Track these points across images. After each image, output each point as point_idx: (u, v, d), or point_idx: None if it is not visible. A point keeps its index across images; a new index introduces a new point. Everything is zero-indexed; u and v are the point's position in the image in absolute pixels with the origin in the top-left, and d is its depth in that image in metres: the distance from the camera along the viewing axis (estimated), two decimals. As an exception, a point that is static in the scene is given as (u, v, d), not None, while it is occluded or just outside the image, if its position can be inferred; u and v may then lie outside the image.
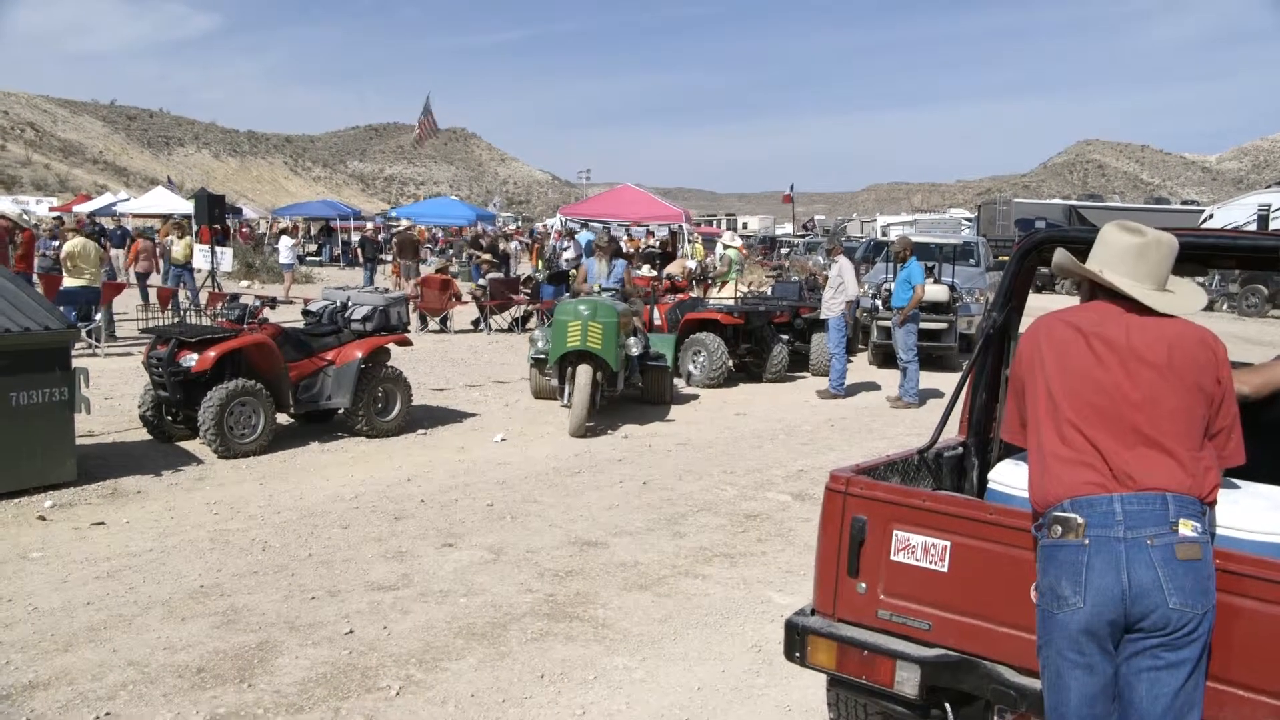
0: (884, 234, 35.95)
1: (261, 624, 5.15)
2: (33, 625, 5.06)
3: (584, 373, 9.93)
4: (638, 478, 8.35)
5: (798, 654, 3.44)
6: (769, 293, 18.02)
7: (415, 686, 4.52)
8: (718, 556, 6.43)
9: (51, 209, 43.41)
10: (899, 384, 12.55)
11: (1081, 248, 3.13)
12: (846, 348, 13.01)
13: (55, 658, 4.71)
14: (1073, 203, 45.41)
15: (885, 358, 15.23)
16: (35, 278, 14.66)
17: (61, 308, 10.35)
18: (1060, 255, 3.16)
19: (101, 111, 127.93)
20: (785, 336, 14.53)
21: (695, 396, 12.68)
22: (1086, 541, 2.65)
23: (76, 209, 41.86)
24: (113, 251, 28.42)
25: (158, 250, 20.57)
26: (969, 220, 45.16)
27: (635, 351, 10.82)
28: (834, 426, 11.01)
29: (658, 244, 27.17)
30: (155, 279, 19.82)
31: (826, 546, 3.44)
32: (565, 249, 24.16)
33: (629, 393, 11.28)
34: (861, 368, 15.36)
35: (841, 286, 12.62)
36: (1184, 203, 71.86)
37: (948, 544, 3.16)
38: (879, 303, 15.51)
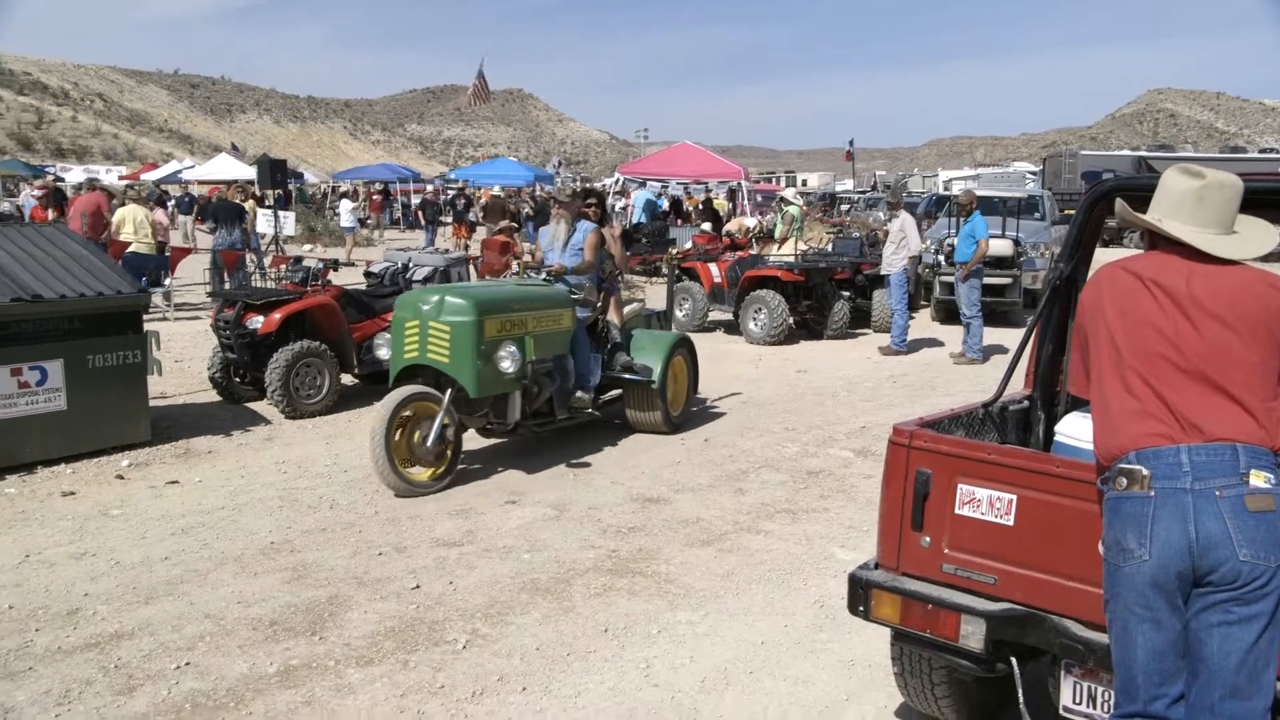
0: (945, 189, 35.38)
1: (331, 579, 5.26)
2: (115, 579, 5.23)
3: (388, 403, 6.56)
4: (699, 434, 8.37)
5: (861, 608, 3.44)
6: (829, 249, 17.87)
7: (481, 640, 4.60)
8: (780, 512, 6.43)
9: (120, 177, 44.20)
10: (962, 340, 12.40)
11: (1149, 197, 3.06)
12: (908, 304, 12.87)
13: (137, 609, 4.86)
14: (1142, 154, 44.25)
15: (948, 314, 15.03)
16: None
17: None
18: (1119, 205, 3.09)
19: (166, 80, 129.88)
20: (846, 293, 14.42)
21: (756, 354, 12.64)
22: (1152, 493, 2.60)
23: (144, 177, 42.66)
24: (181, 218, 28.97)
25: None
26: (1033, 174, 44.25)
27: (509, 367, 6.84)
28: (895, 383, 10.92)
29: (700, 204, 26.95)
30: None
31: (890, 500, 3.42)
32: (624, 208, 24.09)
33: (579, 420, 7.91)
34: (924, 324, 15.19)
35: (904, 241, 12.48)
36: (1262, 151, 69.67)
37: (1013, 498, 3.13)
38: (941, 258, 15.29)
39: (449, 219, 29.68)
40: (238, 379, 9.18)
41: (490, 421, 7.30)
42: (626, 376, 8.13)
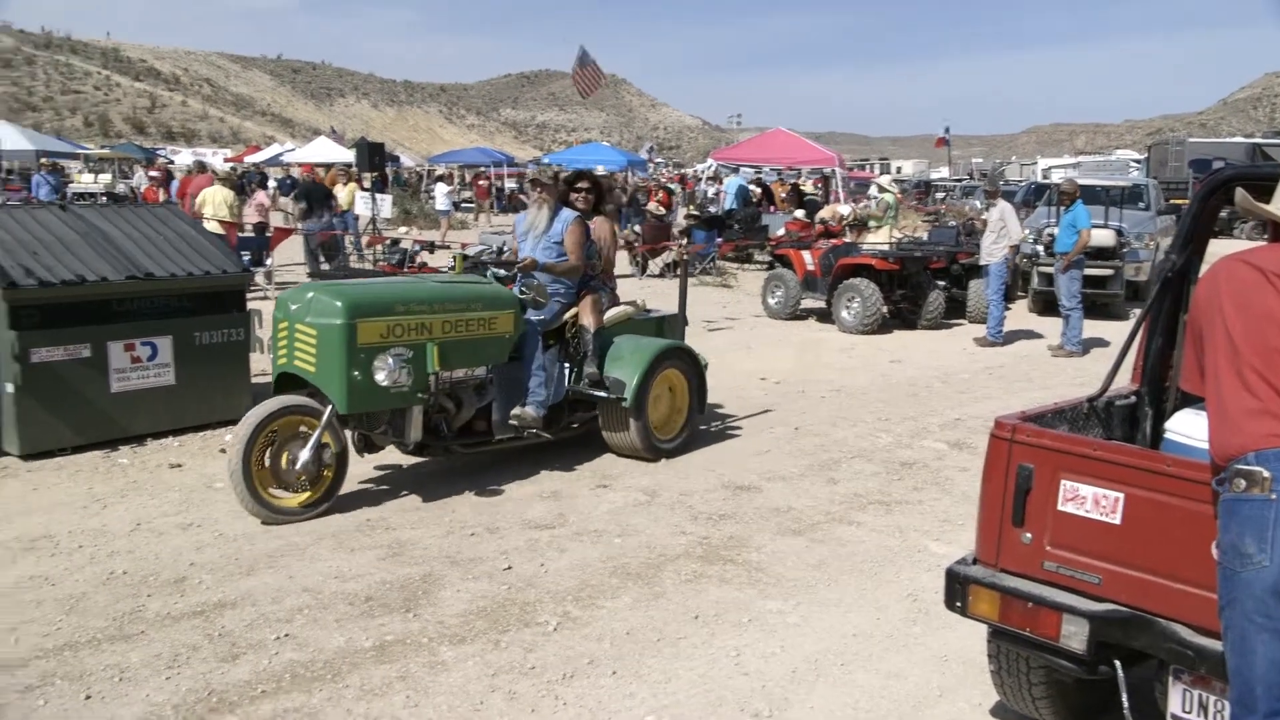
0: (1045, 177, 34.52)
1: (425, 557, 5.35)
2: (219, 550, 5.39)
3: (252, 417, 5.77)
4: (790, 423, 8.32)
5: (958, 603, 3.38)
6: (925, 238, 17.57)
7: (572, 623, 4.63)
8: (872, 504, 6.36)
9: (226, 160, 45.42)
10: (1061, 332, 12.11)
11: (1272, 186, 2.94)
12: (1005, 294, 12.61)
13: (240, 580, 5.01)
14: (1257, 141, 42.59)
15: (1046, 305, 14.70)
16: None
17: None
18: (1239, 194, 2.97)
19: (269, 66, 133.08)
20: (941, 283, 14.17)
21: (849, 343, 12.50)
22: (1273, 496, 2.50)
23: (247, 159, 43.81)
24: (281, 199, 29.67)
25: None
26: (1137, 162, 42.94)
27: (384, 379, 5.87)
28: (991, 375, 10.71)
29: (788, 190, 26.65)
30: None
31: (990, 495, 3.36)
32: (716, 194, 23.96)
33: (528, 442, 6.85)
34: (1021, 315, 14.86)
35: (1003, 231, 12.22)
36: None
37: (1121, 495, 3.04)
38: (1040, 248, 14.94)
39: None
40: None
41: (392, 441, 6.40)
42: (590, 392, 6.96)
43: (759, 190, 26.27)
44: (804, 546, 5.61)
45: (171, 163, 35.05)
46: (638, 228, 20.03)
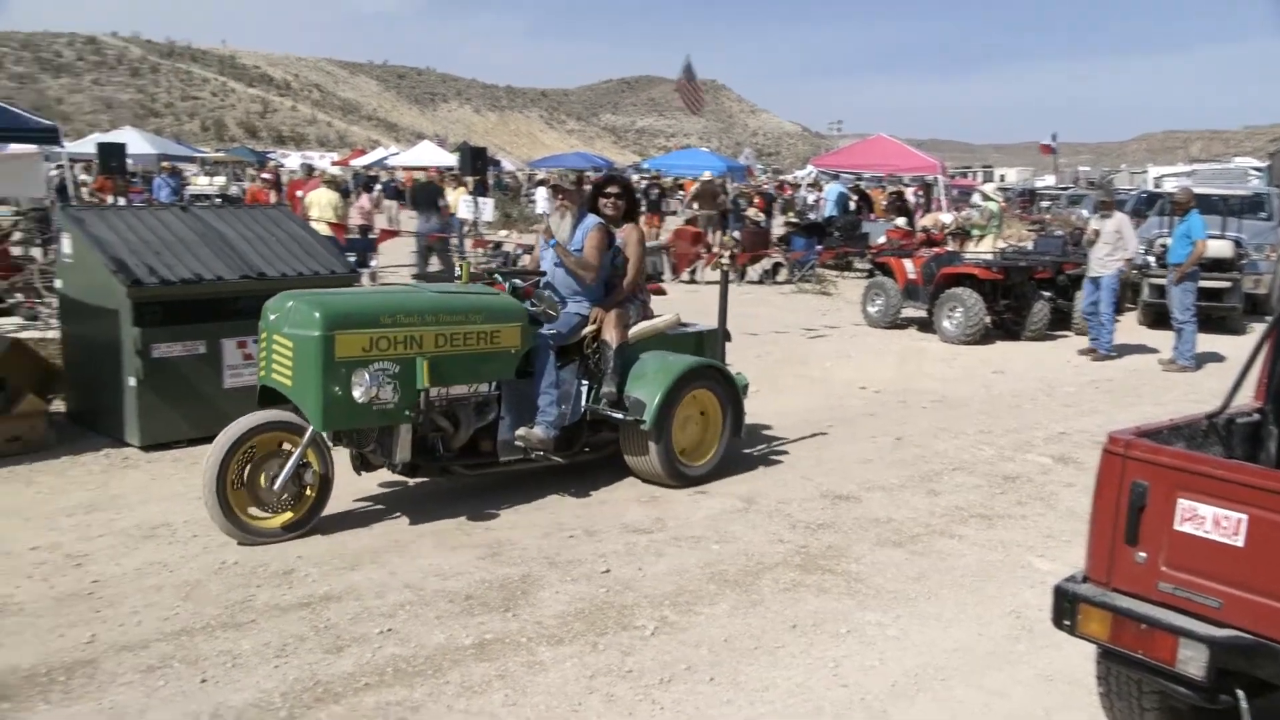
0: (1156, 186, 33.49)
1: (523, 558, 5.41)
2: (324, 544, 5.53)
3: (229, 433, 5.51)
4: (890, 433, 8.20)
5: (1067, 622, 3.30)
6: (1030, 247, 17.19)
7: (669, 628, 4.64)
8: (974, 517, 6.24)
9: (333, 163, 46.61)
10: (1173, 346, 11.74)
11: None
12: (1115, 307, 12.26)
13: (344, 575, 5.13)
14: (1388, 149, 40.69)
15: (1156, 318, 14.24)
16: None
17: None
18: None
19: (375, 71, 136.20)
20: (1047, 293, 13.84)
21: (950, 353, 12.29)
22: None
23: (353, 162, 44.87)
24: (386, 202, 30.32)
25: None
26: (1258, 170, 41.39)
27: (361, 395, 5.47)
28: (1098, 388, 10.43)
29: (887, 198, 26.29)
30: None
31: (1102, 512, 3.27)
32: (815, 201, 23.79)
33: (538, 465, 6.39)
34: (1130, 328, 14.43)
35: (1120, 243, 11.86)
36: None
37: (1244, 517, 2.94)
38: (1152, 259, 14.49)
39: (642, 208, 30.01)
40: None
41: (383, 461, 6.00)
42: (606, 412, 6.49)
43: (857, 197, 26.00)
44: (904, 558, 5.53)
45: (281, 166, 36.08)
46: (736, 234, 19.98)
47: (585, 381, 6.58)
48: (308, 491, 5.66)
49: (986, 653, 4.49)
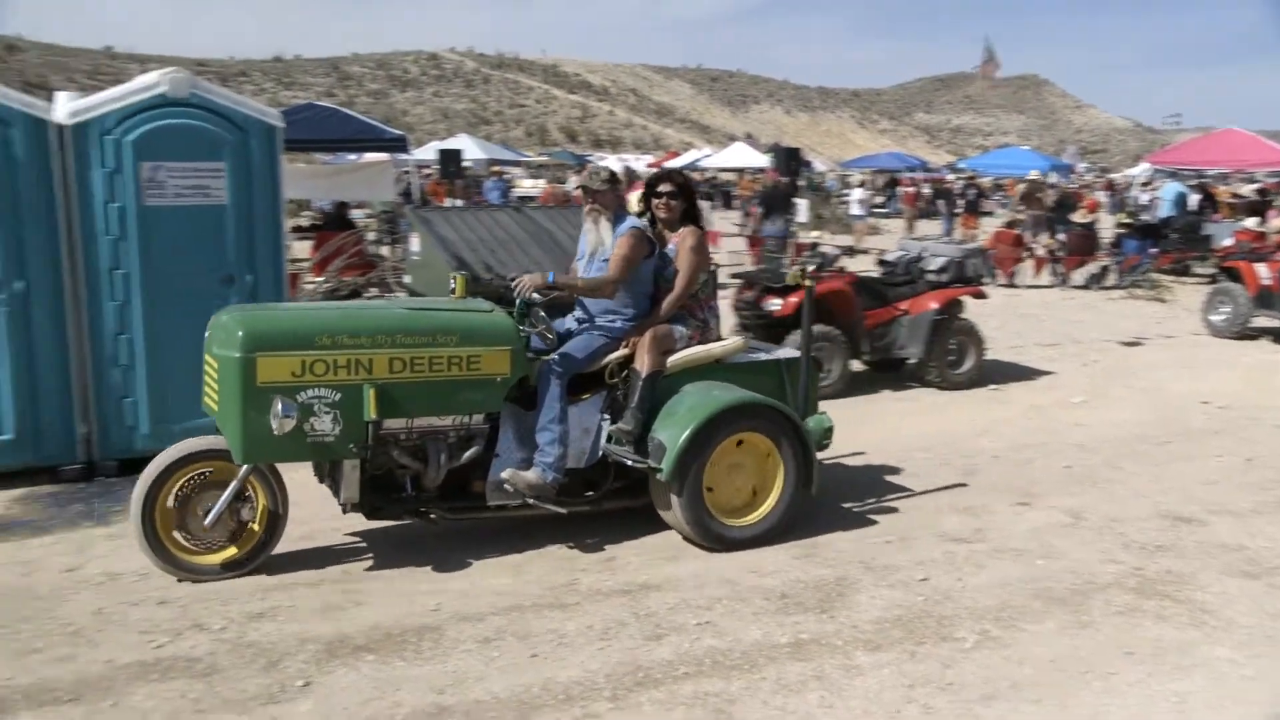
0: None
1: (838, 560, 5.36)
2: (645, 533, 5.70)
3: (158, 462, 4.98)
4: (1239, 453, 7.50)
5: None
6: None
7: (991, 642, 4.46)
8: (1345, 551, 5.60)
9: (649, 165, 48.11)
10: None
11: None
12: None
13: (663, 565, 5.29)
14: None
15: None
16: None
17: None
18: None
19: (689, 75, 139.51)
20: None
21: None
22: None
23: (667, 164, 46.11)
24: (702, 204, 30.91)
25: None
26: None
27: (277, 428, 4.74)
28: None
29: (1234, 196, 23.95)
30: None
31: None
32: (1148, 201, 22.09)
33: (537, 513, 5.38)
34: None
35: None
36: None
37: None
38: None
39: (959, 209, 29.08)
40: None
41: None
42: (617, 453, 5.46)
43: (1199, 196, 23.93)
44: (1261, 591, 5.03)
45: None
46: (1061, 236, 18.94)
47: (607, 416, 5.58)
48: (252, 526, 5.07)
49: (1361, 702, 4.03)
